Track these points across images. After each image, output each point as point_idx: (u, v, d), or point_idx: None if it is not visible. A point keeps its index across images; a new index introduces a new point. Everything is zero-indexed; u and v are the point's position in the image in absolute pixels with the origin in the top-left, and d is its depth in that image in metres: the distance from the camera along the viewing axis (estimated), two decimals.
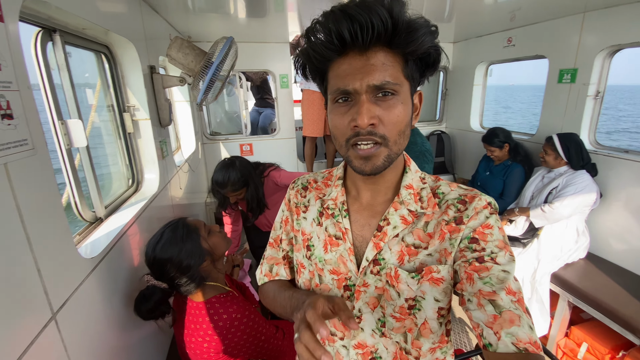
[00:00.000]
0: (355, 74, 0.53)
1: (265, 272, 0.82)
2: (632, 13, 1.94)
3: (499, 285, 0.54)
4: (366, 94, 0.54)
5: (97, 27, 1.23)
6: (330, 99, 0.59)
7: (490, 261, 0.57)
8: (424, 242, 0.63)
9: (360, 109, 0.53)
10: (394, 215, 0.64)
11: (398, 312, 0.63)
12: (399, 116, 0.56)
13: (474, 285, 0.56)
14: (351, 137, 0.56)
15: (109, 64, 1.45)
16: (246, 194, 1.83)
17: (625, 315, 1.76)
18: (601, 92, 2.24)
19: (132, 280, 1.28)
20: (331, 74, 0.58)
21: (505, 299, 0.53)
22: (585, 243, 2.19)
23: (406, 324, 0.64)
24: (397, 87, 0.55)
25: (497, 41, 2.91)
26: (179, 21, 2.30)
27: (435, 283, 0.61)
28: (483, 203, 0.61)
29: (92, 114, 1.39)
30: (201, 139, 3.24)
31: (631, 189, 2.08)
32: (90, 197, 1.23)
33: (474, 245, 0.59)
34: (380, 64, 0.53)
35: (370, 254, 0.64)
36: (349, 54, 0.54)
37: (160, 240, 1.14)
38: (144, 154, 1.63)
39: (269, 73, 3.38)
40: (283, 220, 0.80)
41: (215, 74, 1.64)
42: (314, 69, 0.60)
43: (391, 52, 0.54)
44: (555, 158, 2.17)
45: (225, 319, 1.07)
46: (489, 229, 0.59)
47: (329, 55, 0.55)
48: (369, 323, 0.65)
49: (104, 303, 1.06)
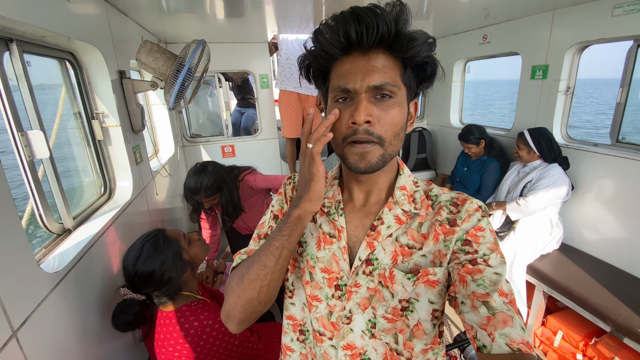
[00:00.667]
0: (356, 73, 0.57)
1: (243, 254, 0.73)
2: (599, 10, 2.00)
3: (491, 287, 0.55)
4: (365, 93, 0.57)
5: (56, 35, 1.19)
6: (331, 98, 0.61)
7: (483, 263, 0.58)
8: (418, 243, 0.63)
9: (358, 106, 0.56)
10: (388, 215, 0.65)
11: (390, 314, 0.63)
12: (395, 118, 0.59)
13: (468, 287, 0.57)
14: (348, 136, 0.58)
15: (74, 71, 1.42)
16: (220, 199, 1.82)
17: (596, 304, 1.83)
18: (571, 87, 2.30)
19: (104, 293, 1.27)
20: (334, 73, 0.61)
21: (498, 300, 0.54)
22: (559, 234, 2.26)
23: (397, 325, 0.64)
24: (394, 90, 0.58)
25: (473, 38, 2.96)
26: (152, 23, 2.26)
27: (431, 285, 0.61)
28: (475, 206, 0.63)
29: (57, 122, 1.35)
30: (181, 142, 3.19)
31: (601, 180, 2.16)
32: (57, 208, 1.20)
33: (467, 248, 0.60)
34: (381, 66, 0.57)
35: (364, 254, 0.64)
36: (352, 54, 0.58)
37: (140, 254, 1.12)
38: (116, 161, 1.60)
39: (249, 73, 3.35)
40: (276, 214, 0.76)
41: (187, 78, 1.63)
42: (318, 67, 0.63)
43: (391, 57, 0.58)
44: (529, 152, 2.23)
45: (196, 327, 1.07)
46: (481, 232, 0.61)
47: (334, 53, 0.58)
48: (359, 324, 0.65)
49: (72, 317, 1.04)
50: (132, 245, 1.17)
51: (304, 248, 0.71)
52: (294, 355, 0.74)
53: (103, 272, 1.28)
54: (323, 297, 0.68)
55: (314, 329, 0.69)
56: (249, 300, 0.62)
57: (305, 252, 0.70)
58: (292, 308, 0.73)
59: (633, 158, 1.97)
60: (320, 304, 0.68)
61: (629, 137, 2.12)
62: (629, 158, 1.99)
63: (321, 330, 0.68)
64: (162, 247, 1.15)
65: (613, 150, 2.10)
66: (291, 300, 0.73)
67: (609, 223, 2.14)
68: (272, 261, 0.60)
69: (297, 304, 0.72)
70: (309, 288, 0.69)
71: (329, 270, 0.67)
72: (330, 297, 0.67)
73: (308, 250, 0.70)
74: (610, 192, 2.12)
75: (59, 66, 1.38)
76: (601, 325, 1.81)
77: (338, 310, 0.66)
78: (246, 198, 1.94)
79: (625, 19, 1.90)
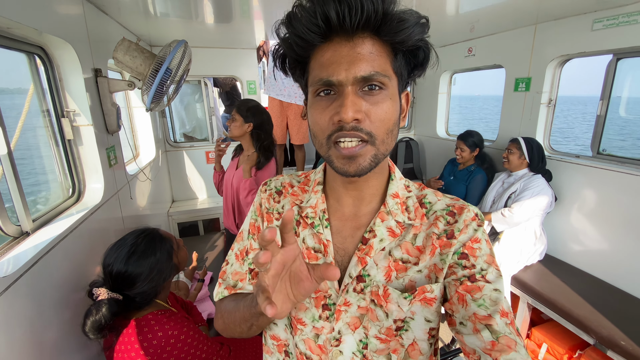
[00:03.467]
0: (340, 63, 0.49)
1: (227, 286, 0.69)
2: (579, 24, 2.05)
3: (493, 307, 0.52)
4: (352, 86, 0.49)
5: (24, 27, 1.14)
6: (311, 92, 0.53)
7: (482, 280, 0.54)
8: (413, 257, 0.58)
9: (344, 101, 0.48)
10: (380, 227, 0.59)
11: (384, 334, 0.58)
12: (387, 112, 0.51)
13: (468, 308, 0.53)
14: (333, 133, 0.51)
15: (45, 67, 1.36)
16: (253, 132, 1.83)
17: (580, 316, 1.81)
18: (553, 99, 2.34)
19: (63, 301, 1.18)
20: (313, 64, 0.52)
21: (500, 322, 0.51)
22: (542, 246, 2.25)
23: (391, 346, 0.58)
24: (385, 80, 0.50)
25: (459, 51, 3.00)
26: (136, 25, 2.21)
27: (428, 303, 0.57)
28: (471, 215, 0.58)
29: (23, 119, 1.28)
30: (164, 147, 3.12)
31: (583, 192, 2.17)
32: (15, 209, 1.12)
33: (464, 262, 0.56)
34: (368, 52, 0.49)
35: (355, 270, 0.58)
36: (333, 40, 0.50)
37: (135, 250, 1.05)
38: (87, 162, 1.52)
39: (237, 79, 3.32)
40: (249, 227, 0.70)
41: (165, 79, 1.58)
42: (294, 58, 0.55)
43: (379, 42, 0.50)
44: (520, 157, 2.21)
45: (160, 337, 0.99)
46: (478, 243, 0.57)
47: (311, 39, 0.50)
48: (349, 345, 0.59)
49: (22, 326, 0.95)
50: (118, 242, 1.09)
51: None
52: None
53: (62, 278, 1.19)
54: (309, 320, 0.61)
55: (300, 351, 0.62)
56: (235, 332, 0.66)
57: None
58: (274, 328, 0.67)
59: (614, 170, 1.99)
60: (305, 327, 0.61)
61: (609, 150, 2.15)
62: (609, 170, 2.01)
63: (308, 353, 0.61)
64: (158, 245, 1.09)
65: (594, 162, 2.12)
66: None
67: (592, 234, 2.15)
68: (245, 328, 0.62)
69: (280, 324, 0.66)
70: (294, 310, 0.62)
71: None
72: (317, 319, 0.60)
73: None
74: (592, 204, 2.13)
75: (27, 61, 1.31)
76: (585, 338, 1.79)
77: (326, 333, 0.60)
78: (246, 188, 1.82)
79: (605, 34, 1.95)
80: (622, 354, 1.60)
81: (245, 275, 0.68)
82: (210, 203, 3.30)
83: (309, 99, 0.56)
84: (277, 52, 0.57)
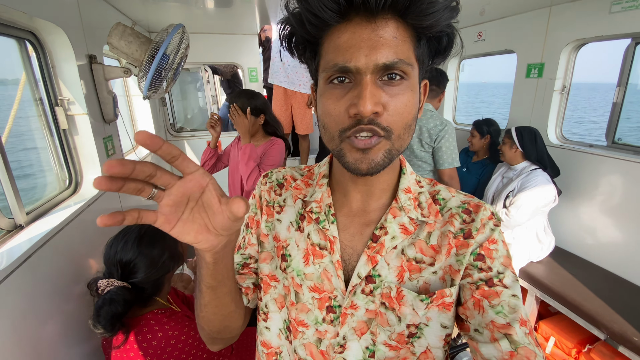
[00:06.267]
0: (360, 47, 0.43)
1: None
2: (597, 6, 1.94)
3: (512, 315, 0.49)
4: (371, 74, 0.44)
5: (12, 10, 1.08)
6: (323, 78, 0.48)
7: (499, 284, 0.51)
8: (428, 257, 0.54)
9: (363, 92, 0.43)
10: (392, 223, 0.55)
11: (395, 340, 0.53)
12: (408, 105, 0.46)
13: (485, 314, 0.50)
14: (348, 128, 0.46)
15: (36, 53, 1.30)
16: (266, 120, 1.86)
17: (590, 310, 1.76)
18: (567, 86, 2.24)
19: (61, 293, 1.15)
20: (327, 46, 0.47)
21: (520, 332, 0.48)
22: (549, 242, 2.17)
23: (401, 354, 0.54)
24: (408, 70, 0.45)
25: (468, 36, 2.89)
26: (133, 9, 2.13)
27: (445, 308, 0.53)
28: (488, 213, 0.55)
29: (15, 108, 1.23)
30: (165, 136, 3.07)
31: (596, 182, 2.09)
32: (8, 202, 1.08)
33: (480, 264, 0.52)
34: (392, 37, 0.43)
35: (364, 270, 0.53)
36: (352, 21, 0.44)
37: (144, 235, 1.02)
38: (83, 153, 1.48)
39: (238, 66, 3.24)
40: (248, 220, 0.66)
41: (162, 65, 1.52)
42: (304, 38, 0.49)
43: (403, 25, 0.45)
44: (511, 146, 2.10)
45: (159, 338, 0.96)
46: (495, 244, 0.53)
47: (327, 17, 0.44)
48: (355, 353, 0.54)
49: (17, 320, 0.93)
50: (121, 231, 1.05)
51: (288, 262, 0.59)
52: None
53: (59, 272, 1.16)
54: (311, 322, 0.57)
55: (300, 357, 0.58)
56: (214, 332, 0.59)
57: (290, 267, 0.58)
58: (266, 333, 0.62)
59: (630, 160, 1.91)
60: (307, 330, 0.57)
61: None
62: (625, 160, 1.93)
63: (308, 359, 0.57)
64: (164, 232, 1.05)
65: (609, 152, 2.04)
66: (265, 324, 0.62)
67: (604, 226, 2.08)
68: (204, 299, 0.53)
69: (273, 329, 0.61)
70: (294, 311, 0.58)
71: (319, 289, 0.56)
72: (321, 322, 0.56)
73: (293, 266, 0.58)
74: (605, 195, 2.06)
75: (18, 47, 1.26)
76: (595, 333, 1.74)
77: (329, 337, 0.55)
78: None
79: (624, 16, 1.84)
80: (635, 350, 1.55)
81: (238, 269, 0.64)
82: None
83: (319, 86, 0.50)
84: (283, 29, 0.50)
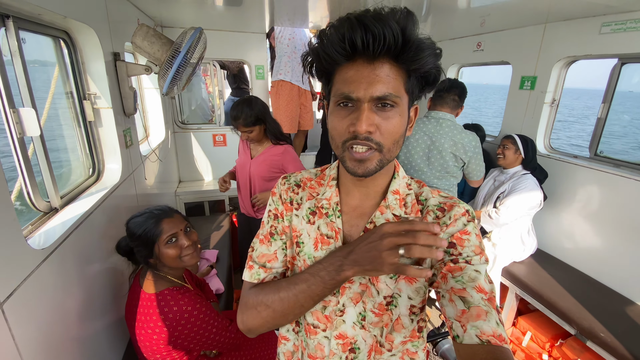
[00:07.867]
0: (360, 82, 0.57)
1: (259, 266, 0.75)
2: (588, 26, 2.07)
3: (470, 283, 0.59)
4: (368, 103, 0.57)
5: (52, 13, 1.19)
6: (333, 101, 0.62)
7: (464, 263, 0.62)
8: None
9: (360, 116, 0.57)
10: (380, 218, 0.68)
11: (377, 308, 0.68)
12: (396, 127, 0.60)
13: (447, 283, 0.61)
14: (348, 140, 0.60)
15: (68, 50, 1.41)
16: (266, 130, 1.96)
17: (564, 307, 1.93)
18: (556, 100, 2.38)
19: (90, 271, 1.28)
20: (337, 78, 0.61)
21: (476, 296, 0.57)
22: (531, 243, 2.34)
23: (384, 319, 0.69)
24: (397, 100, 0.59)
25: (468, 45, 3.01)
26: (149, 6, 2.23)
27: (409, 282, 0.67)
28: (461, 210, 0.66)
29: (49, 101, 1.35)
30: (172, 128, 3.18)
31: (578, 191, 2.25)
32: (45, 186, 1.21)
33: (451, 250, 0.63)
34: (385, 75, 0.57)
35: None
36: (357, 61, 0.58)
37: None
38: (106, 143, 1.60)
39: (245, 63, 3.34)
40: (274, 213, 0.77)
41: (182, 65, 1.63)
42: (321, 69, 0.63)
43: (396, 66, 0.58)
44: (515, 152, 2.26)
45: (175, 312, 1.10)
46: (467, 235, 0.64)
47: (337, 59, 0.58)
48: (351, 316, 0.70)
49: (58, 293, 1.06)
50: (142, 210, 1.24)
51: (301, 248, 0.73)
52: (289, 344, 0.80)
53: (89, 252, 1.29)
54: None
55: (308, 322, 0.74)
56: (277, 324, 0.70)
57: (303, 252, 0.73)
58: None
59: (609, 172, 2.06)
60: None
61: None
62: (605, 172, 2.08)
63: (315, 323, 0.73)
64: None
65: (591, 163, 2.19)
66: None
67: (583, 232, 2.25)
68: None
69: None
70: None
71: None
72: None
73: (305, 250, 0.72)
74: (585, 203, 2.21)
75: (53, 45, 1.36)
76: (567, 328, 1.91)
77: (332, 305, 0.70)
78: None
79: (612, 37, 1.97)
80: (600, 344, 1.71)
81: (273, 255, 0.75)
82: (216, 185, 3.38)
83: (330, 106, 0.65)
84: (306, 59, 0.65)
